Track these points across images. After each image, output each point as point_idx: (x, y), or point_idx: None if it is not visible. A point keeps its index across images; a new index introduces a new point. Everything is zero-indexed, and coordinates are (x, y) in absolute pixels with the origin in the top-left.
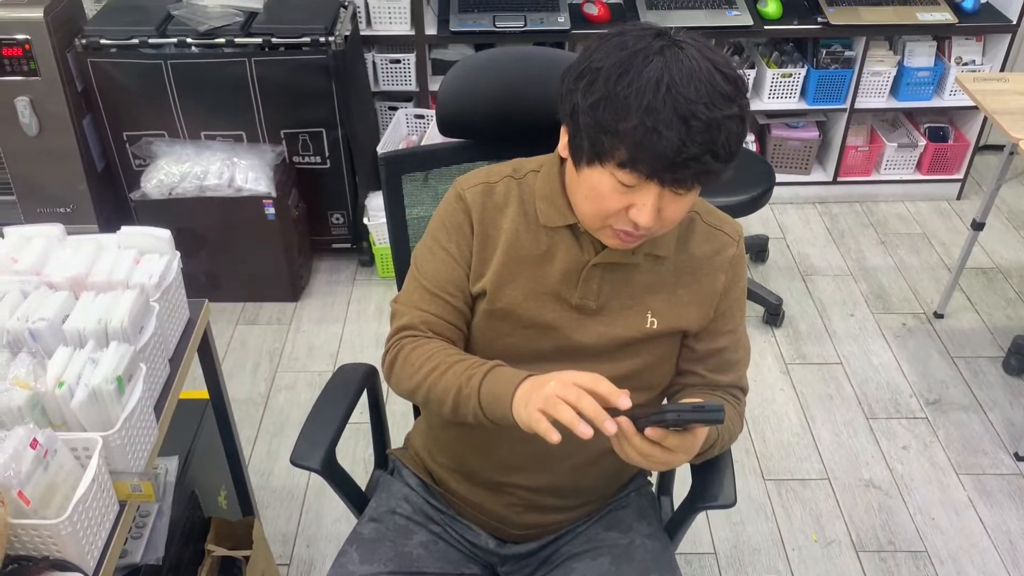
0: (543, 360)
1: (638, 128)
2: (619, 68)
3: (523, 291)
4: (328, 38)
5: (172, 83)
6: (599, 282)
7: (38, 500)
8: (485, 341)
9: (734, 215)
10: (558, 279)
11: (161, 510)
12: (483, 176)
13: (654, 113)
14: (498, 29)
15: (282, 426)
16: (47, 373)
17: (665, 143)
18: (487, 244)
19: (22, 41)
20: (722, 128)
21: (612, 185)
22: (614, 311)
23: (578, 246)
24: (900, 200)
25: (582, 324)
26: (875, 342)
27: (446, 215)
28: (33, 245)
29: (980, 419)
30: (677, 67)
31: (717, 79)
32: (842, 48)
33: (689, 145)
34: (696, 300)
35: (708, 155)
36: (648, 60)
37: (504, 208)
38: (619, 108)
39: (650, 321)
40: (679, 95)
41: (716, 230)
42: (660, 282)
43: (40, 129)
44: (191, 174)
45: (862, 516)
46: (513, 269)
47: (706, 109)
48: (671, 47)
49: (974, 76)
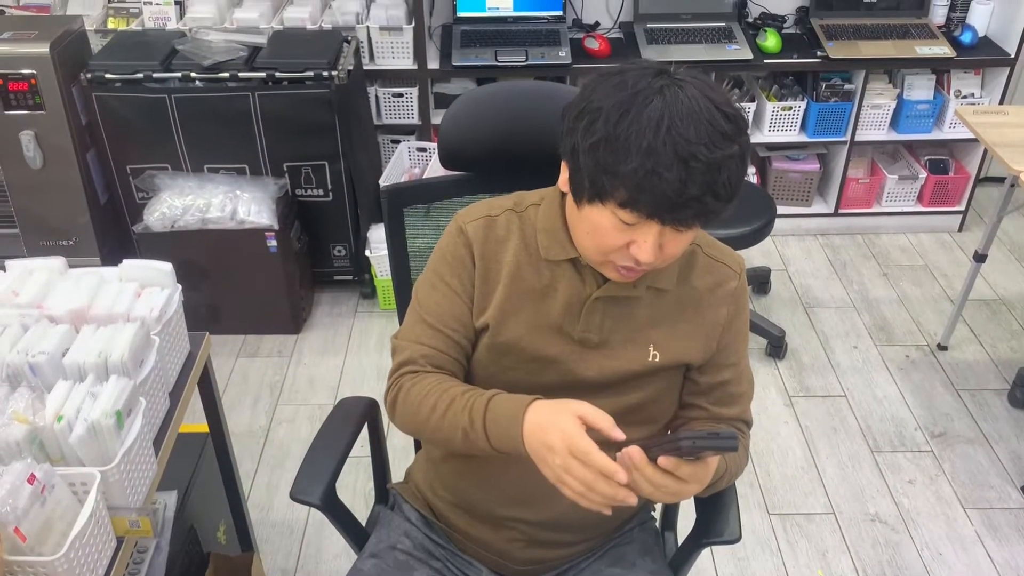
0: (546, 394)
1: (638, 170)
2: (619, 109)
3: (526, 325)
4: (331, 72)
5: (176, 117)
6: (601, 315)
7: (35, 536)
8: (487, 375)
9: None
10: (560, 312)
11: (159, 546)
12: (484, 210)
13: (654, 155)
14: (500, 63)
15: (282, 460)
16: (46, 407)
17: (666, 185)
18: (489, 278)
19: (28, 76)
20: (723, 168)
21: (613, 223)
22: (616, 344)
23: (580, 279)
24: (902, 232)
25: (584, 357)
26: (879, 374)
27: (447, 249)
28: (35, 278)
29: (986, 452)
30: (677, 107)
31: (717, 118)
32: (842, 81)
33: (690, 186)
34: (698, 333)
35: (709, 195)
36: (648, 100)
37: (506, 242)
38: (619, 150)
39: (652, 354)
40: (679, 136)
41: (718, 263)
42: (662, 315)
43: (44, 162)
44: (194, 207)
45: (868, 551)
46: (515, 303)
47: (706, 150)
48: (671, 86)
49: (973, 109)
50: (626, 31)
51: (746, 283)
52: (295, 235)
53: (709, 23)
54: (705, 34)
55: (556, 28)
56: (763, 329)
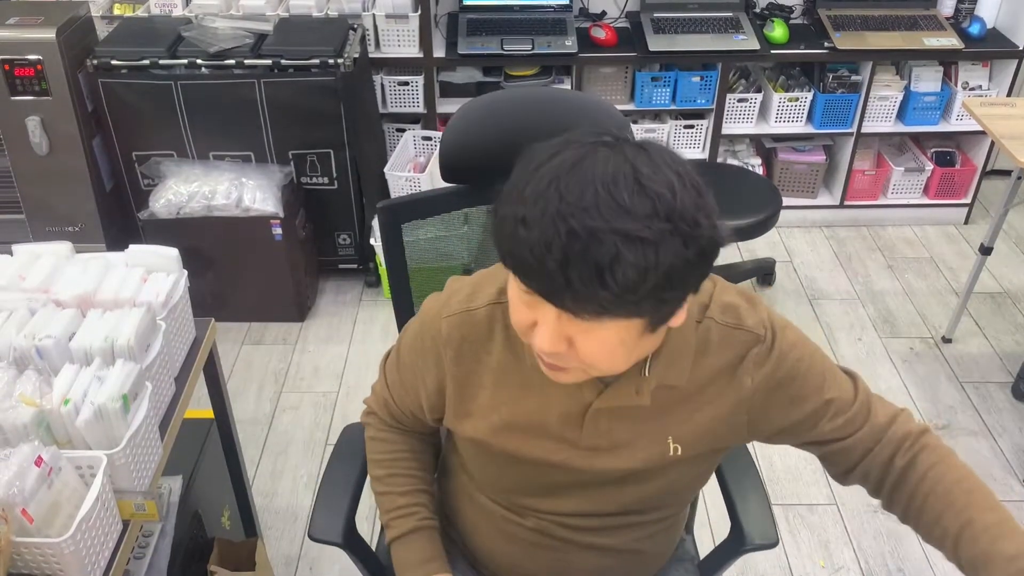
0: (560, 492)
1: (507, 218)
2: (533, 159)
3: (523, 435)
4: (337, 60)
5: (182, 104)
6: (607, 422)
7: (41, 518)
8: (494, 470)
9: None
10: (559, 422)
11: (164, 530)
12: (464, 301)
13: (527, 205)
14: (506, 52)
15: (286, 447)
16: (53, 391)
17: (526, 242)
18: (468, 384)
19: (34, 61)
20: (604, 244)
21: (516, 291)
22: (629, 444)
23: (576, 387)
24: (907, 224)
25: (595, 460)
26: (883, 366)
27: (419, 341)
28: (41, 263)
29: (989, 445)
30: (584, 165)
31: (623, 189)
32: (849, 72)
33: (554, 252)
34: (719, 416)
35: (590, 275)
36: (561, 155)
37: (487, 342)
38: (507, 195)
39: (673, 447)
40: (568, 191)
41: (735, 330)
42: (678, 405)
43: (50, 149)
44: (199, 194)
45: (871, 543)
46: (506, 414)
47: (585, 214)
48: (604, 147)
49: (981, 101)
50: (633, 21)
51: (779, 329)
52: (300, 223)
53: (716, 13)
54: (712, 24)
55: (562, 17)
56: None
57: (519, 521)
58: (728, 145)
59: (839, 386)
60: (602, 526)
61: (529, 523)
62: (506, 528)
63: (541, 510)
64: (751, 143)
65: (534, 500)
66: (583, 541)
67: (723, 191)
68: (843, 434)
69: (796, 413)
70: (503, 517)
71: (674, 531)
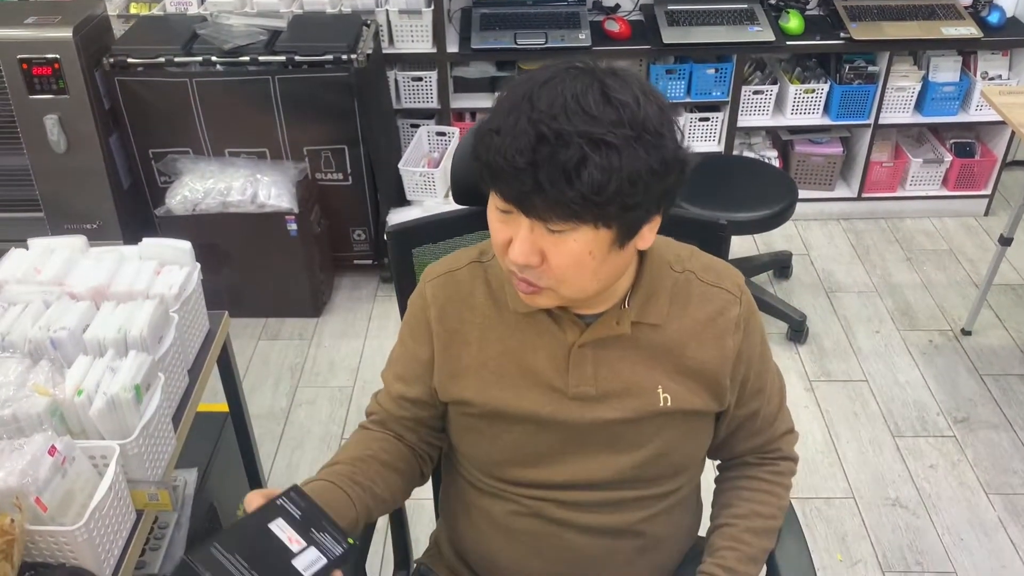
0: (552, 459)
1: (482, 126)
2: (511, 85)
3: (511, 389)
4: (350, 56)
5: (197, 101)
6: (592, 365)
7: (55, 507)
8: (486, 443)
9: (756, 230)
10: (546, 368)
11: (179, 522)
12: (447, 264)
13: (501, 115)
14: (519, 47)
15: (302, 441)
16: (66, 381)
17: (499, 148)
18: (453, 343)
19: (52, 60)
20: (571, 146)
21: (494, 210)
22: (619, 393)
23: (559, 328)
24: (926, 216)
25: (585, 415)
26: (901, 359)
27: (410, 310)
28: (56, 256)
29: (1010, 437)
30: (554, 82)
31: (590, 99)
32: (865, 63)
33: (524, 154)
34: (704, 370)
35: (557, 176)
36: (540, 75)
37: (470, 299)
38: (487, 115)
39: (663, 397)
40: (539, 100)
41: (714, 287)
42: (663, 354)
43: (68, 146)
44: (215, 190)
45: (889, 536)
46: (494, 367)
47: (554, 120)
48: (575, 69)
49: (1000, 90)
50: (647, 13)
51: (751, 301)
52: (315, 219)
53: (730, 4)
54: (726, 16)
55: (576, 10)
56: (784, 313)
57: (516, 514)
58: (744, 138)
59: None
60: (601, 500)
61: (526, 510)
62: (505, 522)
63: (535, 483)
64: (767, 135)
65: (528, 471)
66: (583, 522)
67: (739, 184)
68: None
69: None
70: (504, 519)
71: (680, 514)
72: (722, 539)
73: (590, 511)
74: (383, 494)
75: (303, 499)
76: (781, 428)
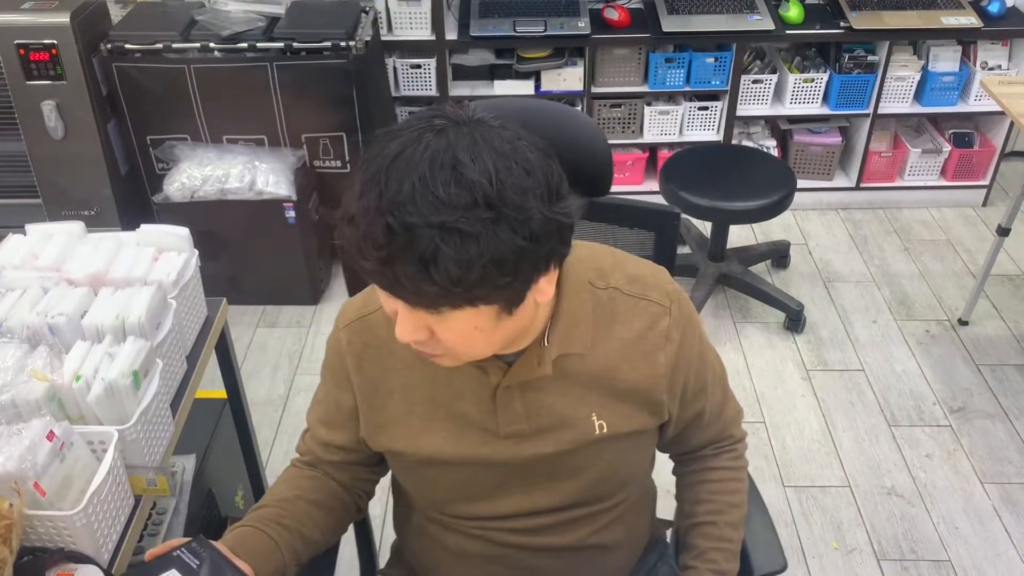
0: (496, 493)
1: (341, 217)
2: (374, 144)
3: (442, 434)
4: (349, 43)
5: (195, 87)
6: (521, 403)
7: (54, 492)
8: (426, 484)
9: (754, 220)
10: (474, 411)
11: (178, 508)
12: (361, 306)
13: (355, 200)
14: (518, 34)
15: (299, 428)
16: (64, 366)
17: (354, 240)
18: (376, 393)
19: (49, 46)
20: (423, 238)
21: None
22: (553, 427)
23: (480, 370)
24: (924, 206)
25: (522, 451)
26: (898, 349)
27: (328, 354)
28: (54, 242)
29: (1006, 427)
30: (411, 153)
31: (438, 181)
32: (865, 53)
33: (379, 249)
34: (638, 389)
35: (413, 271)
36: (396, 139)
37: (388, 343)
38: (349, 189)
39: (598, 424)
40: (388, 183)
41: (641, 300)
42: (593, 381)
43: (65, 133)
44: (213, 177)
45: (884, 524)
46: (421, 414)
47: (401, 209)
48: (432, 131)
49: (1000, 79)
50: (646, 1)
51: (684, 303)
52: (313, 206)
53: None
54: (726, 4)
55: None
56: (781, 303)
57: (467, 540)
58: (743, 127)
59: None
60: (551, 524)
61: (477, 537)
62: (458, 546)
63: (483, 516)
64: (766, 125)
65: (473, 506)
66: (536, 544)
67: (737, 173)
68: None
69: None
70: (455, 544)
71: (636, 517)
72: (707, 540)
73: (542, 534)
74: (312, 535)
75: (206, 549)
76: (729, 414)
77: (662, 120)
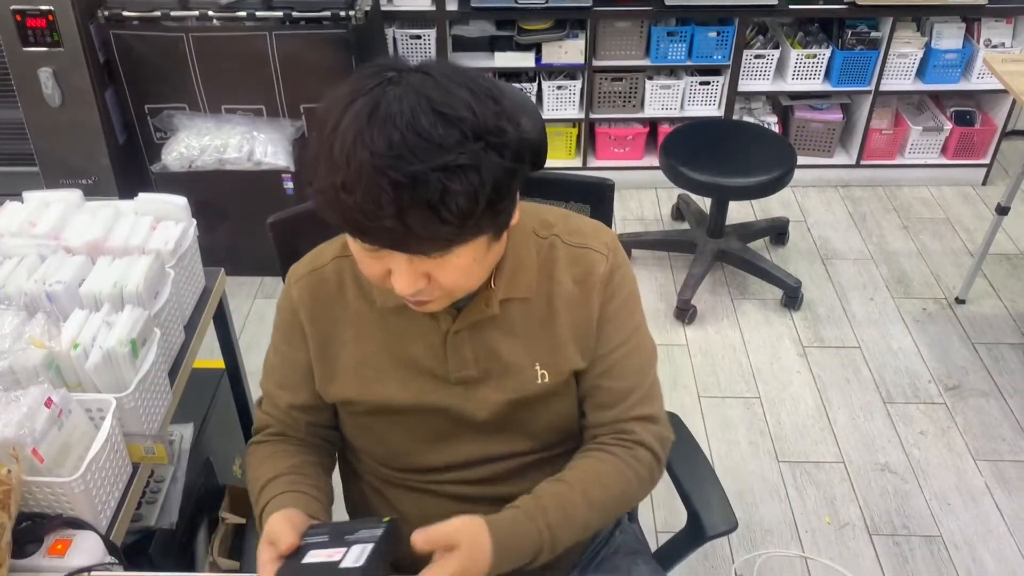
0: (448, 440)
1: (327, 189)
2: (325, 118)
3: (394, 382)
4: (349, 12)
5: (193, 56)
6: (471, 348)
7: (52, 458)
8: (379, 436)
9: (754, 196)
10: (425, 357)
11: (176, 476)
12: (311, 262)
13: (340, 170)
14: (520, 5)
15: None
16: (62, 334)
17: (357, 206)
18: (330, 343)
19: (46, 12)
20: (430, 184)
21: (359, 249)
22: (499, 373)
23: (431, 317)
24: (924, 185)
25: (471, 396)
26: (895, 326)
27: (280, 314)
28: (52, 210)
29: (1000, 405)
30: (385, 108)
31: (424, 123)
32: (868, 29)
33: (386, 207)
34: (575, 334)
35: (426, 216)
36: (352, 103)
37: (340, 295)
38: (315, 165)
39: (540, 374)
40: (375, 142)
41: (581, 249)
42: (537, 326)
43: (63, 100)
44: (211, 147)
45: (877, 500)
46: (373, 363)
47: (400, 162)
48: (386, 84)
49: (1003, 57)
50: None
51: (622, 258)
52: None
53: None
54: None
55: None
56: (779, 279)
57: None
58: (744, 102)
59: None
60: (505, 471)
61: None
62: (418, 511)
63: (437, 467)
64: (767, 100)
65: (426, 456)
66: (491, 494)
67: (737, 149)
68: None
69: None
70: (410, 506)
71: None
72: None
73: (499, 483)
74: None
75: (320, 527)
76: (637, 409)
77: (663, 94)
